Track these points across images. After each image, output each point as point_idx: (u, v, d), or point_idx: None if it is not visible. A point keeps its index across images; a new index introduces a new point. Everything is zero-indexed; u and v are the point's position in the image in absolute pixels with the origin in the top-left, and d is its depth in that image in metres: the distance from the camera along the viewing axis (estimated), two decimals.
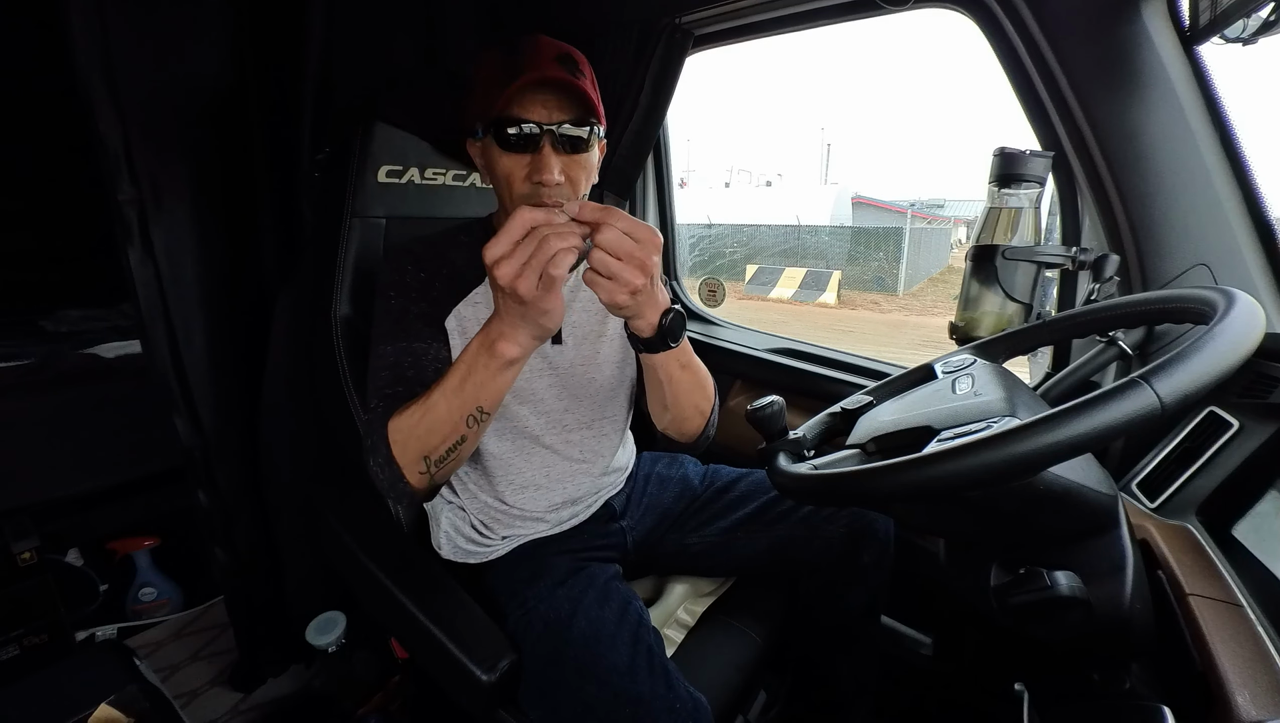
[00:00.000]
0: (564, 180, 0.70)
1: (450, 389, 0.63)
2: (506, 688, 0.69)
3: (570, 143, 0.70)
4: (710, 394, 0.83)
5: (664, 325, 0.66)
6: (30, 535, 1.19)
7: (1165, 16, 0.75)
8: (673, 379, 0.75)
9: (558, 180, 0.69)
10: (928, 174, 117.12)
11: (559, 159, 0.69)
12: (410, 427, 0.64)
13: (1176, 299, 0.56)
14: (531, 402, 0.82)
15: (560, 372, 0.83)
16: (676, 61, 1.17)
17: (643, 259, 0.57)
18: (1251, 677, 0.44)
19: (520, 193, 0.71)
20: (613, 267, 0.56)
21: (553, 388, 0.83)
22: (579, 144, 0.71)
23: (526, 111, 0.68)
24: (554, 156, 0.69)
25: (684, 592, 0.93)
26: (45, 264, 1.50)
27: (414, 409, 0.65)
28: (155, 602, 1.48)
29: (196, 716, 1.21)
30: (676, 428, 0.83)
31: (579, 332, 0.85)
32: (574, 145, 0.70)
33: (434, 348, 0.73)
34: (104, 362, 1.47)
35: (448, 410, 0.63)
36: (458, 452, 0.66)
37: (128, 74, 0.91)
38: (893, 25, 1.67)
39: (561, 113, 0.69)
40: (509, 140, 0.69)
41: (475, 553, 0.84)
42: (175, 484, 1.50)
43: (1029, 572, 0.48)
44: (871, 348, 2.67)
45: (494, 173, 0.73)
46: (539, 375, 0.82)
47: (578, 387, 0.84)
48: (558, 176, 0.69)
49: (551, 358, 0.83)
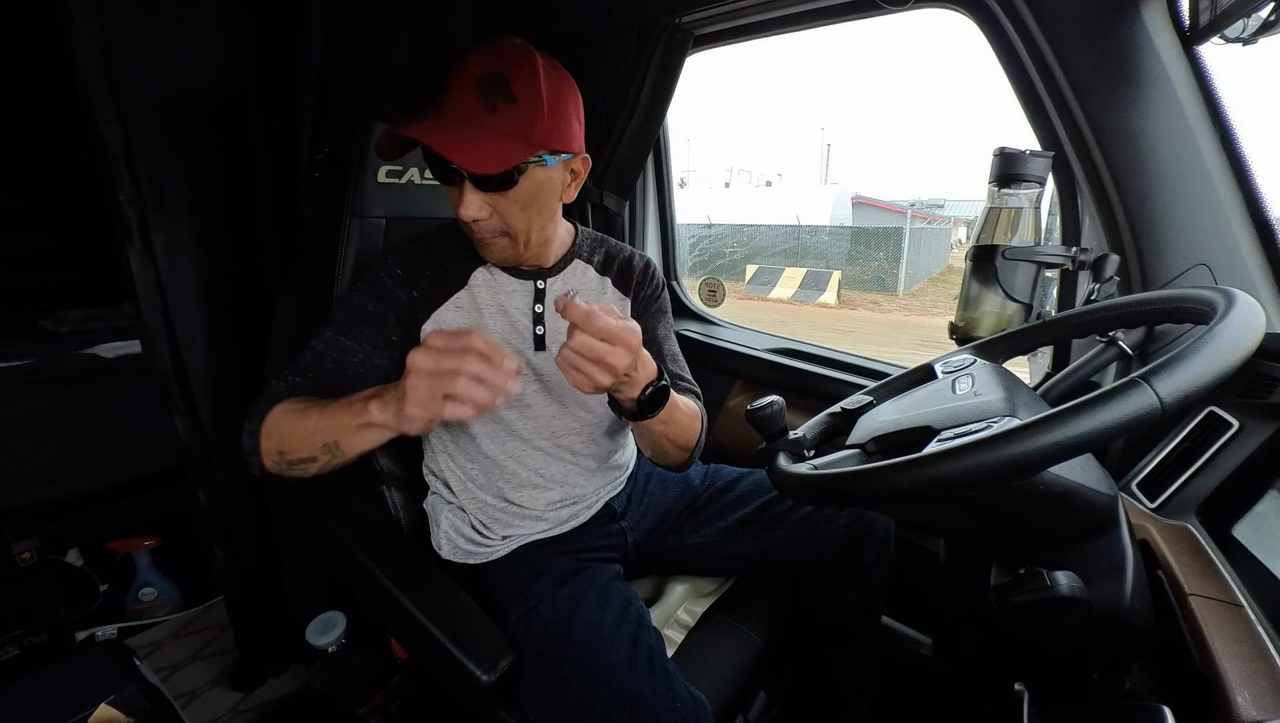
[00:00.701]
0: (489, 215, 0.69)
1: (328, 411, 0.63)
2: (506, 688, 0.69)
3: (483, 182, 0.67)
4: (695, 432, 0.81)
5: (642, 401, 0.67)
6: (30, 536, 1.19)
7: (1165, 16, 0.75)
8: (653, 434, 0.75)
9: (477, 217, 0.68)
10: (928, 174, 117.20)
11: (480, 196, 0.67)
12: (283, 421, 0.66)
13: (1176, 299, 0.56)
14: (518, 407, 0.82)
15: (545, 378, 0.83)
16: (676, 61, 1.17)
17: (613, 365, 0.58)
18: (1251, 677, 0.44)
19: (461, 219, 0.70)
20: (579, 364, 0.58)
21: (539, 394, 0.83)
22: (503, 181, 0.67)
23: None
24: (475, 194, 0.67)
25: (684, 592, 0.93)
26: (45, 264, 1.50)
27: (299, 409, 0.65)
28: (155, 602, 1.48)
29: (196, 716, 1.21)
30: (661, 461, 0.83)
31: (561, 338, 0.85)
32: (499, 183, 0.67)
33: (364, 352, 0.72)
34: (104, 362, 1.47)
35: (313, 428, 0.63)
36: (306, 466, 0.65)
37: (128, 74, 0.91)
38: (893, 25, 1.67)
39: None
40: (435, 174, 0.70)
41: (476, 553, 0.84)
42: (175, 484, 1.50)
43: (1029, 572, 0.48)
44: (871, 348, 2.68)
45: None
46: (526, 382, 0.81)
47: (564, 393, 0.84)
48: (477, 213, 0.68)
49: (535, 364, 0.82)
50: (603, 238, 0.92)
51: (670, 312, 0.94)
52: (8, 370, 1.35)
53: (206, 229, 1.04)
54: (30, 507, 1.27)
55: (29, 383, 1.37)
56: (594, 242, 0.90)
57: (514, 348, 0.81)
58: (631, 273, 0.89)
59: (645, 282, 0.90)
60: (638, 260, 0.90)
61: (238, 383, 1.12)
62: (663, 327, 0.91)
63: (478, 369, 0.54)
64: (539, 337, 0.82)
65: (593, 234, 0.91)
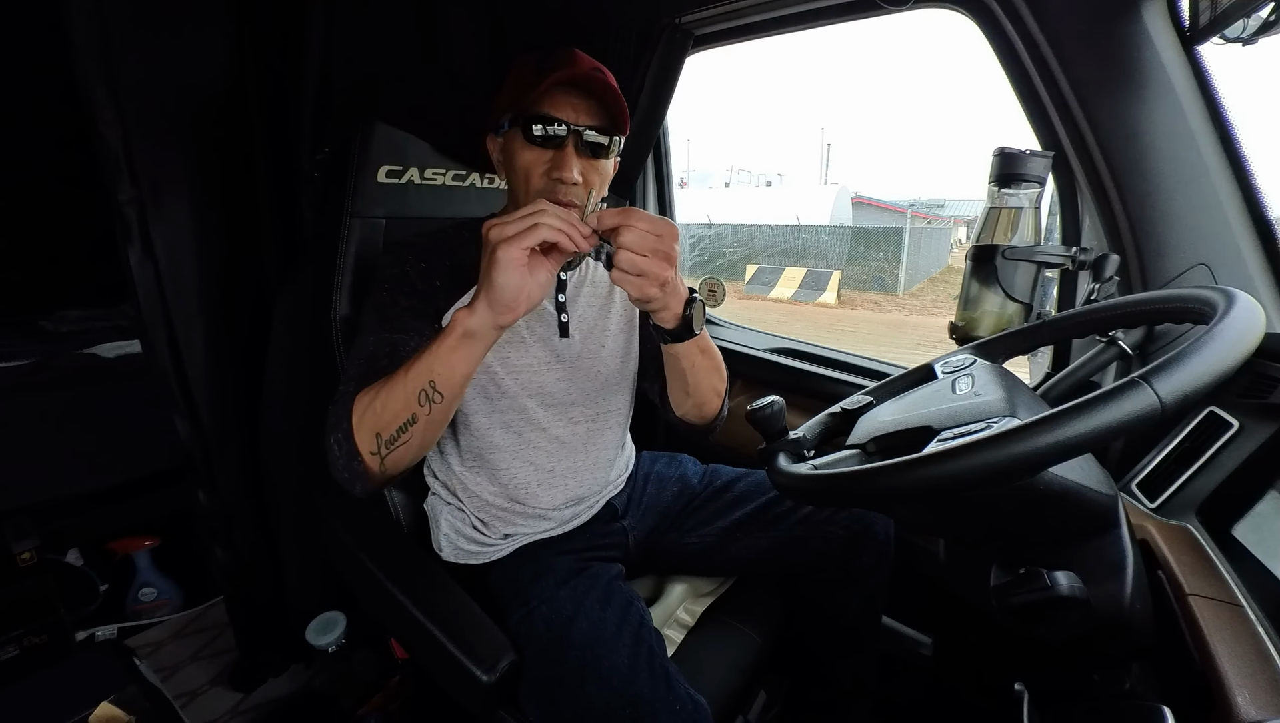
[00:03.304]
0: (580, 182, 0.72)
1: (410, 363, 0.62)
2: (506, 688, 0.69)
3: (592, 148, 0.73)
4: (724, 374, 0.85)
5: (688, 315, 0.68)
6: (30, 536, 1.19)
7: (1165, 16, 0.75)
8: (695, 366, 0.77)
9: (576, 180, 0.71)
10: (928, 174, 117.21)
11: (580, 161, 0.72)
12: (369, 402, 0.63)
13: (1176, 299, 0.56)
14: (540, 394, 0.83)
15: (568, 364, 0.84)
16: (676, 61, 1.17)
17: (667, 251, 0.60)
18: (1251, 677, 0.44)
19: (537, 188, 0.72)
20: (640, 264, 0.59)
21: (561, 381, 0.84)
22: (600, 150, 0.73)
23: (556, 110, 0.70)
24: (575, 157, 0.72)
25: (684, 592, 0.93)
26: (45, 264, 1.50)
27: (378, 385, 0.64)
28: (155, 602, 1.48)
29: (196, 716, 1.21)
30: (698, 412, 0.84)
31: (584, 326, 0.87)
32: (595, 150, 0.73)
33: (415, 340, 0.72)
34: (104, 362, 1.47)
35: (402, 384, 0.62)
36: (409, 433, 0.63)
37: (128, 74, 0.91)
38: (893, 25, 1.67)
39: (589, 117, 0.72)
40: (534, 135, 0.71)
41: (477, 553, 0.84)
42: (175, 484, 1.50)
43: (1029, 572, 0.48)
44: (871, 348, 2.68)
45: (513, 166, 0.74)
46: (548, 368, 0.83)
47: (584, 379, 0.86)
48: (576, 176, 0.71)
49: (559, 351, 0.84)
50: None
51: None
52: (8, 370, 1.35)
53: (206, 229, 1.04)
54: (30, 507, 1.27)
55: (29, 383, 1.37)
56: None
57: (539, 338, 0.83)
58: None
59: None
60: None
61: (238, 383, 1.12)
62: None
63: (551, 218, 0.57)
64: (564, 324, 0.84)
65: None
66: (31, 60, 1.32)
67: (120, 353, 1.49)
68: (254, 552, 1.21)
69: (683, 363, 0.76)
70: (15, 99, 1.35)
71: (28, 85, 1.35)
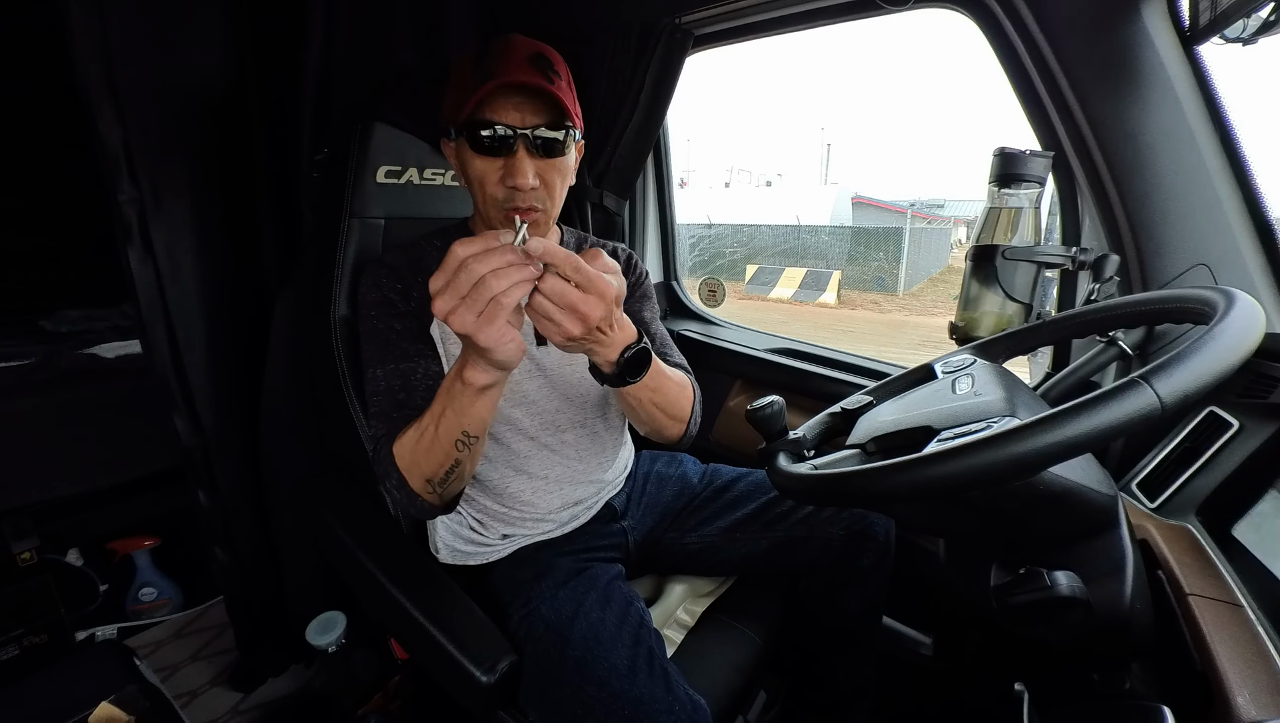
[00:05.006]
0: (539, 184, 0.70)
1: (437, 415, 0.62)
2: (506, 689, 0.69)
3: (545, 146, 0.69)
4: (687, 402, 0.80)
5: (621, 364, 0.63)
6: (30, 536, 1.19)
7: (1165, 16, 0.75)
8: (640, 404, 0.73)
9: (532, 185, 0.69)
10: (928, 174, 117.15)
11: (533, 162, 0.69)
12: (410, 452, 0.65)
13: (1176, 299, 0.56)
14: (524, 404, 0.82)
15: (548, 372, 0.83)
16: (676, 61, 1.17)
17: (585, 313, 0.53)
18: (1251, 677, 0.44)
19: (494, 196, 0.70)
20: (550, 311, 0.53)
21: (543, 389, 0.83)
22: (554, 147, 0.70)
23: (499, 114, 0.67)
24: (528, 160, 0.68)
25: (683, 592, 0.93)
26: (45, 264, 1.51)
27: (411, 434, 0.65)
28: (155, 602, 1.48)
29: (196, 716, 1.21)
30: (656, 436, 0.82)
31: None
32: (549, 149, 0.70)
33: (422, 365, 0.73)
34: (104, 362, 1.47)
35: (435, 437, 0.62)
36: (458, 472, 0.65)
37: (128, 74, 0.91)
38: (893, 25, 1.66)
39: (535, 116, 0.68)
40: (482, 143, 0.68)
41: (475, 554, 0.84)
42: (175, 484, 1.50)
43: (1029, 572, 0.48)
44: (871, 348, 2.67)
45: (467, 175, 0.72)
46: (529, 377, 0.82)
47: (566, 386, 0.84)
48: (532, 181, 0.69)
49: (539, 359, 0.82)
50: (585, 235, 0.97)
51: (655, 298, 0.95)
52: (8, 370, 1.35)
53: (206, 229, 1.04)
54: (30, 507, 1.27)
55: (29, 383, 1.37)
56: (578, 239, 0.94)
57: None
58: None
59: (628, 271, 0.91)
60: (620, 253, 0.92)
61: (238, 383, 1.12)
62: (648, 310, 0.91)
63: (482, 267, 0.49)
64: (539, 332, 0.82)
65: (576, 231, 0.95)
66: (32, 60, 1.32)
67: (120, 353, 1.49)
68: (254, 552, 1.21)
69: (628, 400, 0.72)
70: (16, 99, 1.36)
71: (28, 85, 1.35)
